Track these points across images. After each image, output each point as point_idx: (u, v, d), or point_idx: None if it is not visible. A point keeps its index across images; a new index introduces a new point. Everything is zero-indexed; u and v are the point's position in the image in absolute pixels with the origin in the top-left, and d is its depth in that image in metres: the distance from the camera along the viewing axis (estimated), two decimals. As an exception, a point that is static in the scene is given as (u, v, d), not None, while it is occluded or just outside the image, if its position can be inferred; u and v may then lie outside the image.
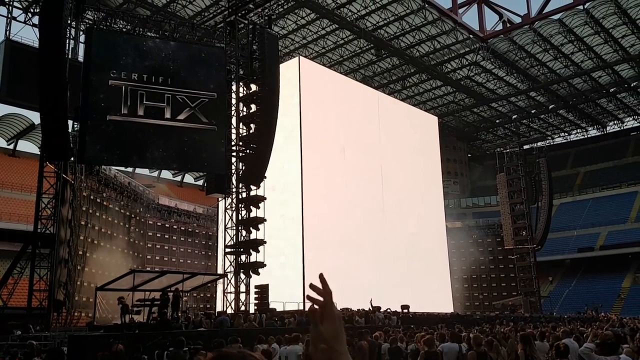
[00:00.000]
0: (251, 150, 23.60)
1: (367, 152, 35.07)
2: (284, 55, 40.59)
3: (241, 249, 23.21)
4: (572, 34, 42.98)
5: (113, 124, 20.22)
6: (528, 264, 43.06)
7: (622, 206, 54.58)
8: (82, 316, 24.60)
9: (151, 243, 36.40)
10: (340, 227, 30.99)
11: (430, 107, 54.85)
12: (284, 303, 24.63)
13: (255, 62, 23.65)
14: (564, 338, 9.20)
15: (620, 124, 63.09)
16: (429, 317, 26.18)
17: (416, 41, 43.89)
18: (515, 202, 44.30)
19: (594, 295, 45.11)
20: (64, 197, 20.81)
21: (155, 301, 17.37)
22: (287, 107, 27.30)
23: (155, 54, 21.39)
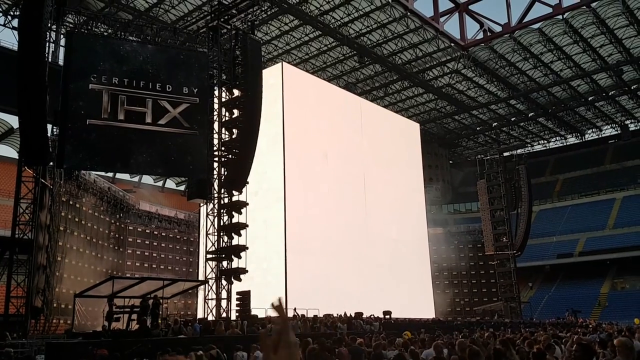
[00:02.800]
0: (233, 155, 23.51)
1: (349, 158, 35.18)
2: (267, 61, 40.60)
3: (223, 254, 23.05)
4: (551, 43, 43.69)
5: (93, 128, 20.00)
6: (508, 270, 43.50)
7: (601, 213, 55.45)
8: (60, 323, 24.21)
9: (131, 249, 35.99)
10: (323, 233, 31.00)
11: (412, 114, 55.27)
12: (266, 310, 24.48)
13: (238, 68, 23.59)
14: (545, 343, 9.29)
15: (598, 132, 64.23)
16: (410, 323, 26.26)
17: (398, 49, 44.24)
18: (495, 209, 44.79)
19: (573, 301, 45.66)
20: (43, 203, 20.50)
21: (135, 308, 17.18)
22: (270, 112, 27.29)
23: (134, 57, 21.22)
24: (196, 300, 30.94)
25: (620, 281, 50.11)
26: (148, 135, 20.79)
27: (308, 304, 24.33)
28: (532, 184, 47.43)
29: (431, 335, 15.93)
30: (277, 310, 1.38)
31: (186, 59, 22.56)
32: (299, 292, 27.19)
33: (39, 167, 20.16)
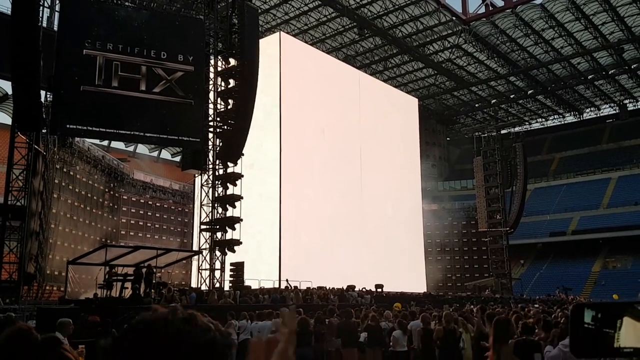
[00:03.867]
0: (229, 126, 23.32)
1: (346, 132, 34.99)
2: (265, 31, 40.02)
3: (217, 226, 23.06)
4: (553, 20, 43.18)
5: (87, 95, 19.73)
6: (500, 247, 43.77)
7: (595, 192, 55.60)
8: (53, 290, 24.30)
9: (125, 218, 35.96)
10: (318, 207, 31.01)
11: (411, 89, 54.88)
12: (259, 281, 24.64)
13: (235, 36, 23.23)
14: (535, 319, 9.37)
15: (596, 111, 64.01)
16: (402, 296, 26.47)
17: (399, 21, 43.67)
18: (490, 186, 44.84)
19: (564, 279, 46.11)
20: (36, 169, 20.34)
21: (129, 276, 17.24)
22: (266, 84, 26.99)
23: (129, 23, 20.83)
24: (190, 271, 31.11)
25: (612, 260, 50.56)
26: (142, 103, 20.54)
27: (301, 277, 24.48)
28: (529, 162, 47.43)
29: (421, 307, 16.06)
30: (286, 319, 1.21)
31: (182, 26, 22.15)
32: (292, 265, 27.34)
33: (33, 134, 19.95)
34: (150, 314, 1.03)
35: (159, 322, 1.00)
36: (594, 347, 0.99)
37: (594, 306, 1.00)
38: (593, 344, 0.98)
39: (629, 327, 0.96)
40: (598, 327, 0.97)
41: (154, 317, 1.02)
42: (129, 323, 1.04)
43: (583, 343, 0.98)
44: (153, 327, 0.99)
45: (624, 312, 0.97)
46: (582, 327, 0.98)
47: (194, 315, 1.03)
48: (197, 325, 1.01)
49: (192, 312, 1.04)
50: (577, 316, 0.99)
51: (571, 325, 1.00)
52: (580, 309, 1.00)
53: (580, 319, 0.98)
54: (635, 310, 0.96)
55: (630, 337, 0.96)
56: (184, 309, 1.06)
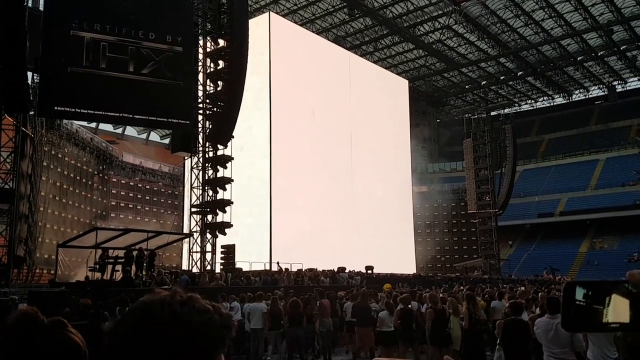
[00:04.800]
0: (218, 108, 23.15)
1: (336, 114, 34.91)
2: (254, 11, 39.54)
3: (207, 208, 23.03)
4: (543, 1, 43.08)
5: (75, 76, 19.47)
6: (489, 228, 44.18)
7: (583, 174, 56.12)
8: (43, 273, 24.25)
9: (115, 201, 35.81)
10: (308, 189, 31.05)
11: (401, 70, 54.72)
12: (251, 263, 24.73)
13: (224, 16, 22.95)
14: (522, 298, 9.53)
15: (585, 93, 64.28)
16: (392, 278, 26.70)
17: (389, 1, 43.36)
18: (480, 168, 45.08)
19: (552, 260, 46.70)
20: (24, 152, 20.14)
21: (119, 259, 17.24)
22: (256, 65, 26.76)
23: (116, 3, 20.48)
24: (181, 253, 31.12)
25: (599, 241, 51.24)
26: (131, 84, 20.30)
27: (292, 259, 24.59)
28: (518, 143, 47.67)
29: (412, 288, 16.23)
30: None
31: (170, 6, 21.80)
32: (283, 247, 27.44)
33: (20, 116, 19.72)
34: (149, 296, 1.04)
35: (155, 304, 1.00)
36: (584, 322, 1.06)
37: (585, 284, 1.06)
38: (583, 319, 1.04)
39: (616, 303, 1.03)
40: (588, 304, 1.03)
41: (151, 300, 1.02)
42: (130, 306, 1.04)
43: (574, 318, 1.04)
44: (150, 309, 1.00)
45: (612, 290, 1.03)
46: (574, 303, 1.03)
47: (192, 298, 1.04)
48: (194, 307, 1.01)
49: (191, 295, 1.05)
50: (569, 293, 1.05)
51: (563, 301, 1.05)
52: (572, 287, 1.06)
53: (572, 296, 1.04)
54: (623, 288, 1.02)
55: (617, 313, 1.02)
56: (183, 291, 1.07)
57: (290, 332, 10.75)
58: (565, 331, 1.00)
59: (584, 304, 1.04)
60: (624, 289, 1.03)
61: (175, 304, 1.00)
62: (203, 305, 1.03)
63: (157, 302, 1.01)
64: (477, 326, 8.54)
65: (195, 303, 1.03)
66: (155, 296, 1.03)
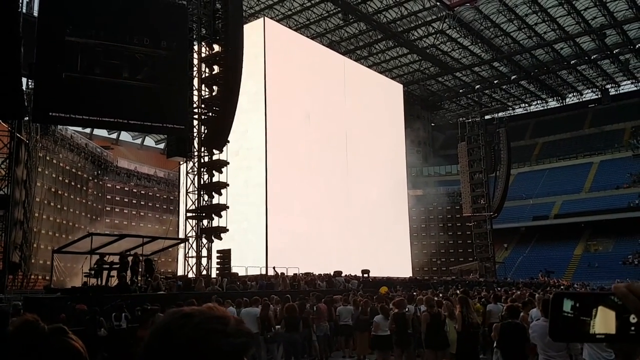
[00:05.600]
0: (214, 113, 23.16)
1: (331, 118, 34.98)
2: (249, 16, 39.66)
3: (203, 213, 23.01)
4: (536, 4, 43.39)
5: (70, 82, 19.46)
6: (484, 231, 44.29)
7: (577, 177, 56.39)
8: (39, 279, 24.15)
9: (110, 206, 35.72)
10: (304, 193, 31.07)
11: (395, 75, 54.92)
12: (247, 268, 24.71)
13: (218, 22, 22.99)
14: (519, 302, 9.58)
15: (579, 96, 64.65)
16: (388, 281, 26.74)
17: (383, 6, 43.55)
18: (474, 171, 45.22)
19: (547, 262, 46.85)
20: (19, 157, 20.07)
21: (115, 264, 17.21)
22: (251, 69, 26.82)
23: (111, 9, 20.51)
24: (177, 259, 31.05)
25: (594, 243, 51.46)
26: (125, 90, 20.30)
27: (288, 263, 24.57)
28: (512, 147, 47.88)
29: (408, 292, 16.27)
30: None
31: (165, 12, 21.85)
32: (279, 251, 27.42)
33: (14, 122, 19.67)
34: (174, 311, 1.04)
35: (176, 320, 1.01)
36: (572, 333, 1.08)
37: (572, 296, 1.09)
38: (571, 330, 1.07)
39: (603, 315, 1.05)
40: (576, 315, 1.06)
41: (173, 317, 1.03)
42: (161, 319, 1.05)
43: (562, 329, 1.07)
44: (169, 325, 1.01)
45: (599, 302, 1.06)
46: (561, 315, 1.07)
47: (217, 315, 1.03)
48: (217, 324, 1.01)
49: (218, 315, 1.04)
50: (557, 305, 1.08)
51: (551, 312, 1.08)
52: (560, 298, 1.08)
53: (559, 307, 1.07)
54: (610, 301, 1.05)
55: (603, 324, 1.04)
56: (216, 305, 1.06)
57: (287, 336, 10.76)
58: None
59: (572, 315, 1.06)
60: (610, 301, 1.05)
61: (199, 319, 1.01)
62: (228, 323, 1.03)
63: (178, 318, 1.02)
64: (471, 329, 8.59)
65: (215, 313, 1.03)
66: (178, 312, 1.04)
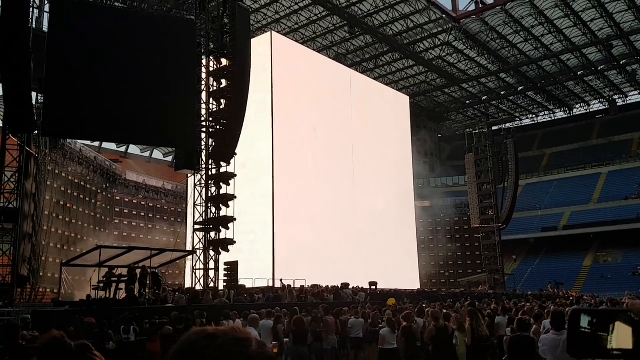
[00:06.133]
0: (221, 126, 23.31)
1: (338, 130, 35.06)
2: (256, 30, 39.99)
3: (210, 225, 23.06)
4: (542, 16, 43.46)
5: (79, 96, 19.68)
6: (493, 243, 44.02)
7: (586, 187, 56.07)
8: (47, 292, 24.24)
9: (118, 219, 35.88)
10: (311, 205, 31.07)
11: (402, 86, 55.03)
12: (254, 280, 24.68)
13: (226, 36, 23.20)
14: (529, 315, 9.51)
15: (586, 107, 64.47)
16: (396, 294, 26.60)
17: (390, 19, 43.77)
18: (482, 182, 45.03)
19: (556, 274, 46.49)
20: (28, 171, 20.24)
21: (123, 277, 17.25)
22: (258, 83, 27.00)
23: (120, 25, 20.76)
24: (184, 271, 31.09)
25: (603, 254, 51.02)
26: (134, 104, 20.49)
27: (295, 275, 24.54)
28: (520, 157, 47.68)
29: (416, 304, 16.18)
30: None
31: (173, 27, 22.11)
32: (286, 263, 27.39)
33: (24, 135, 19.86)
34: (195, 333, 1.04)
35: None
36: (589, 349, 1.08)
37: (590, 312, 1.08)
38: (588, 345, 1.06)
39: (620, 331, 1.05)
40: (593, 331, 1.06)
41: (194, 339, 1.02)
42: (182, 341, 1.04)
43: (579, 345, 1.07)
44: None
45: (616, 318, 1.06)
46: (579, 330, 1.06)
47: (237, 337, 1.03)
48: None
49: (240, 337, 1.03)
50: (575, 321, 1.07)
51: (569, 328, 1.08)
52: (578, 314, 1.08)
53: (577, 323, 1.07)
54: (626, 316, 1.05)
55: (620, 340, 1.05)
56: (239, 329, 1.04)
57: (295, 350, 10.71)
58: None
59: (589, 331, 1.06)
60: (627, 317, 1.05)
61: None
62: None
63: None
64: (481, 342, 8.53)
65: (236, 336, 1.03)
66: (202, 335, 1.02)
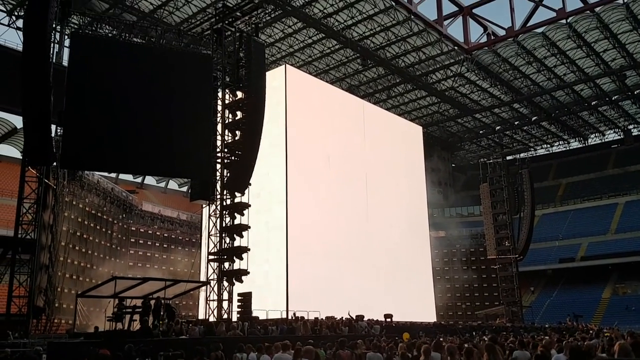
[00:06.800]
0: (236, 157, 23.54)
1: (351, 161, 35.18)
2: (271, 63, 40.68)
3: (224, 256, 23.08)
4: (555, 47, 43.68)
5: (97, 129, 20.08)
6: (510, 274, 43.37)
7: (603, 218, 55.35)
8: (62, 323, 24.26)
9: (134, 249, 36.06)
10: (325, 235, 31.00)
11: (415, 117, 55.28)
12: (267, 311, 24.53)
13: (242, 70, 23.64)
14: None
15: (601, 137, 64.14)
16: (412, 326, 26.23)
17: (402, 52, 44.27)
18: (498, 212, 44.65)
19: (574, 306, 45.58)
20: (46, 202, 20.53)
21: (137, 308, 17.24)
22: (273, 114, 27.33)
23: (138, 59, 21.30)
24: (197, 302, 30.99)
25: (622, 286, 50.00)
26: (151, 136, 20.85)
27: (309, 306, 24.34)
28: (535, 187, 47.31)
29: (432, 338, 15.92)
30: None
31: (190, 62, 22.62)
32: (300, 294, 27.22)
33: (43, 167, 20.20)
34: None
35: None
36: None
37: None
38: None
39: None
40: None
41: None
42: None
43: None
44: None
45: None
46: None
47: None
48: None
49: None
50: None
51: None
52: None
53: None
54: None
55: None
56: None
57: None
58: None
59: None
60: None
61: None
62: None
63: None
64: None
65: None
66: None
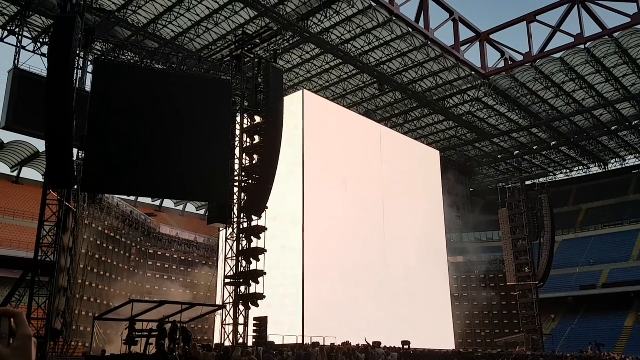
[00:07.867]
0: (254, 180, 23.72)
1: (368, 185, 35.19)
2: (289, 88, 41.16)
3: (241, 279, 23.08)
4: (573, 72, 43.52)
5: (117, 153, 20.43)
6: (530, 301, 42.55)
7: (624, 244, 54.30)
8: (79, 346, 24.36)
9: (151, 272, 36.23)
10: (341, 260, 30.88)
11: (432, 141, 55.21)
12: (283, 336, 24.38)
13: (260, 95, 23.97)
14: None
15: (622, 162, 63.27)
16: (430, 354, 25.83)
17: (419, 77, 44.47)
18: (517, 238, 44.00)
19: (596, 334, 44.45)
20: (66, 225, 20.79)
21: (153, 332, 17.30)
22: (290, 138, 27.59)
23: (159, 85, 21.72)
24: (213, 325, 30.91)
25: (646, 314, 48.76)
26: (171, 160, 21.14)
27: (325, 332, 24.15)
28: (555, 213, 46.66)
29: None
30: None
31: (210, 87, 23.03)
32: (316, 319, 27.04)
33: (64, 191, 20.52)
34: None
35: None
36: None
37: None
38: None
39: None
40: None
41: None
42: None
43: None
44: None
45: None
46: None
47: None
48: None
49: None
50: None
51: None
52: None
53: None
54: None
55: None
56: None
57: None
58: None
59: None
60: None
61: None
62: None
63: None
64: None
65: None
66: None
